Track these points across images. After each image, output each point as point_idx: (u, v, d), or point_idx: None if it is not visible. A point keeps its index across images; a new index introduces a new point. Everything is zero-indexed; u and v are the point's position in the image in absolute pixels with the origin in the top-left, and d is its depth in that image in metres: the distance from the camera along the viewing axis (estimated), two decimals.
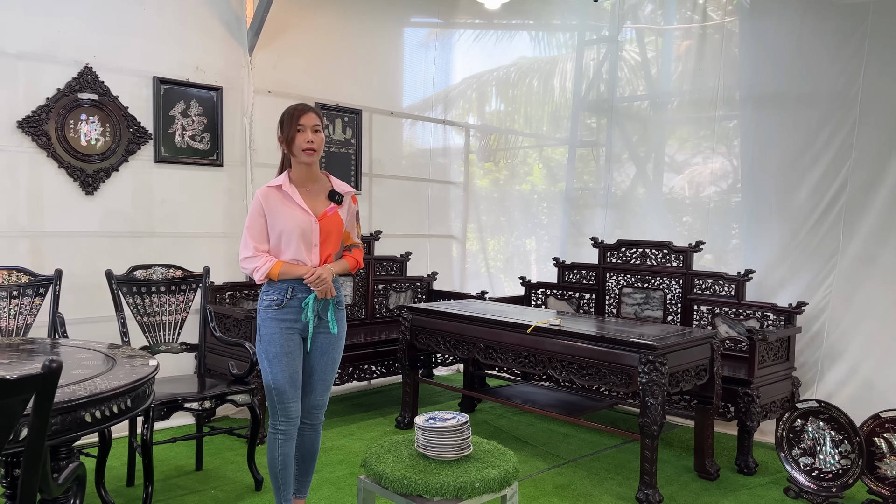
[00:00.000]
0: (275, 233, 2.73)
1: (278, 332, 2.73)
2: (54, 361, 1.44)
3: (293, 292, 2.74)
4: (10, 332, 3.23)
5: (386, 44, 5.61)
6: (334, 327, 2.83)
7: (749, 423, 3.80)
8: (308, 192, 2.79)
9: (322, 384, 2.89)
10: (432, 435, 2.56)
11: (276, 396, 2.75)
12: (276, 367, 2.73)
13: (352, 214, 2.92)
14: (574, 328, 3.68)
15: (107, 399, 2.03)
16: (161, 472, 3.61)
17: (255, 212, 2.75)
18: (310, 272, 2.71)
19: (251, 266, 2.73)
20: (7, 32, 3.72)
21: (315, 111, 2.76)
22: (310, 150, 2.71)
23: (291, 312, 2.75)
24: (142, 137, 4.22)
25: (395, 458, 2.55)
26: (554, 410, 4.10)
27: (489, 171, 6.50)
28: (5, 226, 3.75)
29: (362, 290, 5.32)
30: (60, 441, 1.93)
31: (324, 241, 2.77)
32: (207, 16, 4.49)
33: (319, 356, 2.85)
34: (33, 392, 1.43)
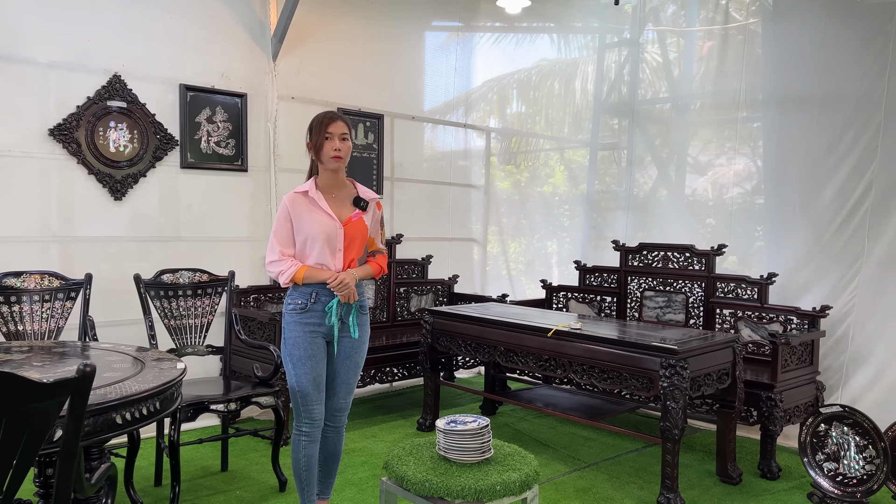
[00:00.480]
0: (300, 237, 2.78)
1: (302, 336, 2.78)
2: (88, 365, 1.49)
3: (317, 296, 2.79)
4: (42, 335, 3.31)
5: (407, 48, 5.66)
6: (356, 332, 2.87)
7: (772, 427, 3.78)
8: (334, 197, 2.85)
9: (345, 388, 2.94)
10: (453, 438, 2.59)
11: (299, 399, 2.80)
12: (300, 370, 2.78)
13: (376, 220, 2.97)
14: (595, 332, 3.69)
15: (137, 401, 2.09)
16: (188, 472, 3.68)
17: (282, 217, 2.80)
18: (333, 277, 2.76)
19: (276, 270, 2.79)
20: (39, 43, 3.82)
21: (343, 119, 2.82)
22: (337, 157, 2.77)
23: (315, 316, 2.80)
24: (168, 144, 4.30)
25: (416, 461, 2.58)
26: (575, 414, 4.11)
27: (510, 173, 6.52)
28: (37, 231, 3.85)
29: (384, 292, 5.37)
30: (92, 442, 1.98)
31: (348, 246, 2.82)
32: (232, 23, 4.57)
33: (342, 360, 2.89)
34: (68, 395, 1.48)
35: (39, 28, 3.82)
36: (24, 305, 3.28)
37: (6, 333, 3.22)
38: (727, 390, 3.66)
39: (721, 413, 3.74)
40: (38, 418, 1.45)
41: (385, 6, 5.41)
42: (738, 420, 3.76)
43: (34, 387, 1.41)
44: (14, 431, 1.42)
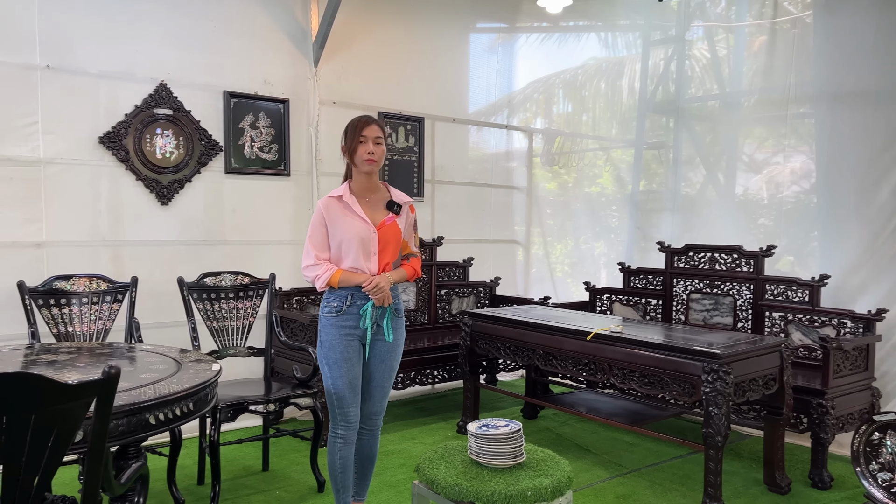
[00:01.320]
0: (335, 241, 2.81)
1: (338, 339, 2.81)
2: (113, 368, 1.53)
3: (352, 299, 2.81)
4: (90, 336, 3.42)
5: (448, 51, 5.66)
6: (390, 335, 2.87)
7: (823, 435, 3.63)
8: (367, 202, 2.87)
9: (380, 391, 2.95)
10: (485, 442, 2.57)
11: (335, 401, 2.83)
12: (336, 372, 2.81)
13: (409, 224, 2.98)
14: (636, 335, 3.61)
15: (170, 402, 2.13)
16: (229, 471, 3.75)
17: (317, 221, 2.84)
18: (368, 280, 2.77)
19: (312, 274, 2.82)
20: (90, 54, 3.95)
21: (378, 123, 2.84)
22: (370, 161, 2.79)
23: (351, 319, 2.82)
24: (213, 149, 4.40)
25: (447, 465, 2.57)
26: (617, 419, 4.03)
27: (554, 174, 6.45)
28: (88, 235, 3.99)
29: (425, 295, 5.38)
30: (127, 441, 2.03)
31: (382, 250, 2.84)
32: (275, 30, 4.65)
33: (377, 363, 2.91)
34: (94, 396, 1.52)
35: (89, 40, 3.95)
36: (73, 308, 3.40)
37: (56, 335, 3.34)
38: (775, 396, 3.54)
39: (768, 420, 3.62)
40: (66, 418, 1.49)
41: (426, 10, 5.43)
42: (786, 427, 3.63)
43: (61, 388, 1.46)
44: (42, 431, 1.46)
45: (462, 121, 5.75)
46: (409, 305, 5.29)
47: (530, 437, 4.43)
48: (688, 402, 3.61)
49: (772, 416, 3.60)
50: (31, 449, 1.46)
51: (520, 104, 6.38)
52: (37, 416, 1.44)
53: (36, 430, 1.45)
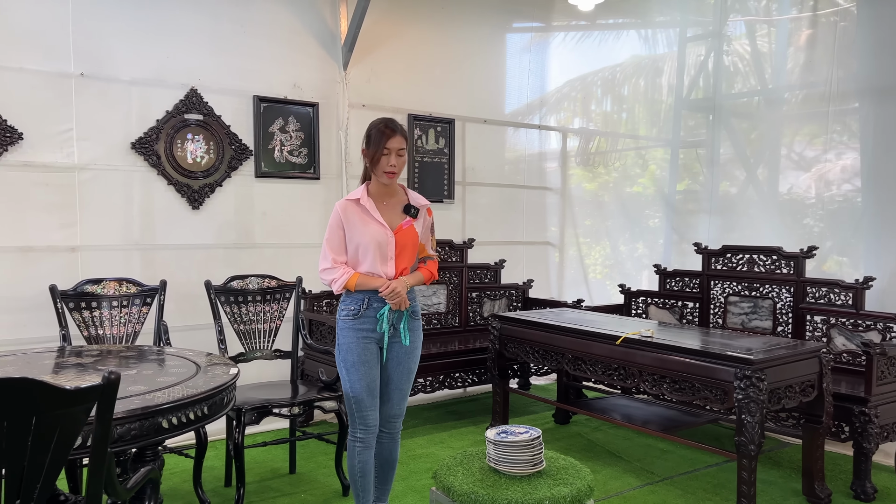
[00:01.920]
0: (352, 245, 2.80)
1: (355, 342, 2.80)
2: (112, 373, 1.53)
3: (369, 303, 2.80)
4: (120, 338, 3.48)
5: (480, 51, 5.60)
6: (406, 339, 2.86)
7: (866, 444, 3.47)
8: (385, 205, 2.86)
9: (398, 393, 2.93)
10: (503, 449, 2.52)
11: (354, 405, 2.81)
12: (354, 375, 2.80)
13: (427, 227, 2.96)
14: (666, 340, 3.51)
15: (184, 406, 2.14)
16: (257, 473, 3.77)
17: (334, 224, 2.83)
18: (384, 285, 2.76)
19: (329, 277, 2.82)
20: (122, 62, 4.03)
21: (402, 133, 2.81)
22: (391, 174, 2.80)
23: (368, 322, 2.81)
24: (243, 154, 4.44)
25: (465, 472, 2.53)
26: (651, 426, 3.93)
27: (588, 175, 6.34)
28: (121, 239, 4.06)
29: (455, 297, 5.34)
30: (141, 444, 2.04)
31: (399, 254, 2.82)
32: (304, 34, 4.67)
33: (395, 366, 2.89)
34: (94, 402, 1.53)
35: (122, 47, 4.03)
36: (103, 311, 3.46)
37: (87, 337, 3.40)
38: (814, 403, 3.40)
39: (807, 428, 3.48)
40: (67, 423, 1.50)
41: (457, 11, 5.40)
42: (826, 436, 3.49)
43: (60, 393, 1.46)
44: (43, 435, 1.47)
45: (494, 122, 5.70)
46: (439, 308, 5.26)
47: (561, 442, 4.35)
48: (720, 409, 3.49)
49: (811, 423, 3.45)
50: (32, 453, 1.46)
51: (555, 104, 6.29)
52: (37, 421, 1.45)
53: (37, 434, 1.45)
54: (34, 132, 3.77)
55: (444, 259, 5.29)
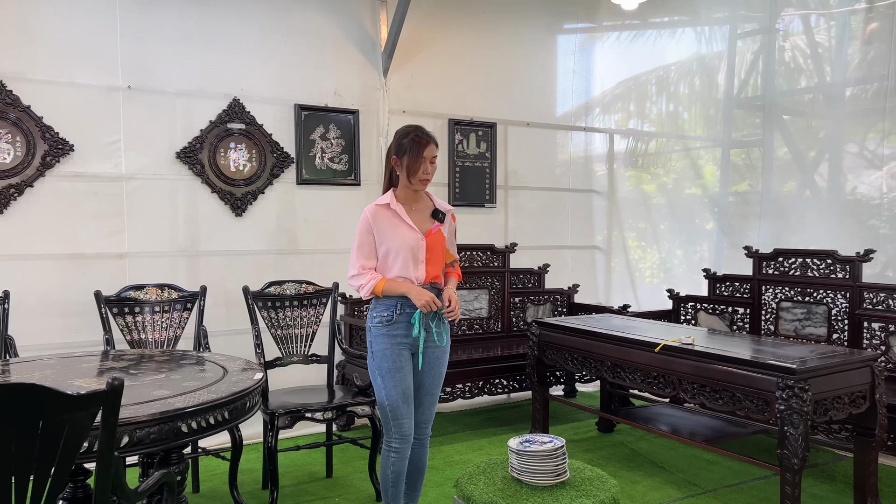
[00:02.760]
0: (382, 250, 2.81)
1: (389, 348, 2.78)
2: (116, 379, 1.57)
3: (402, 308, 2.79)
4: (162, 343, 3.59)
5: (522, 54, 5.55)
6: (442, 339, 2.86)
7: None
8: (413, 210, 2.87)
9: (429, 398, 2.92)
10: (526, 459, 2.48)
11: (389, 413, 2.78)
12: (389, 382, 2.77)
13: (451, 232, 2.99)
14: (707, 347, 3.39)
15: (203, 411, 2.18)
16: (294, 476, 3.82)
17: (363, 230, 2.83)
18: (417, 298, 2.72)
19: (357, 283, 2.83)
20: (168, 74, 4.16)
21: (435, 142, 2.85)
22: (426, 181, 2.84)
23: (401, 328, 2.80)
24: (285, 161, 4.52)
25: (487, 481, 2.50)
26: (695, 436, 3.80)
27: (634, 178, 6.20)
28: (167, 246, 4.19)
29: (498, 302, 5.30)
30: (159, 449, 2.09)
31: (429, 258, 2.83)
32: (344, 42, 4.73)
33: (428, 370, 2.88)
34: (99, 407, 1.57)
35: (167, 60, 4.16)
36: (145, 316, 3.57)
37: (130, 342, 3.52)
38: (866, 415, 3.22)
39: (858, 441, 3.30)
40: (72, 428, 1.54)
41: (498, 15, 5.37)
42: (880, 449, 3.30)
43: (64, 398, 1.51)
44: (50, 439, 1.52)
45: (537, 125, 5.63)
46: (481, 313, 5.23)
47: (603, 451, 4.26)
48: (762, 419, 3.35)
49: (863, 436, 3.28)
50: (40, 457, 1.51)
51: (604, 105, 6.18)
52: (43, 426, 1.49)
53: (44, 439, 1.50)
54: (84, 144, 3.93)
55: (486, 264, 5.26)
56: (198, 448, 3.59)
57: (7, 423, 1.45)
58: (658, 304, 5.76)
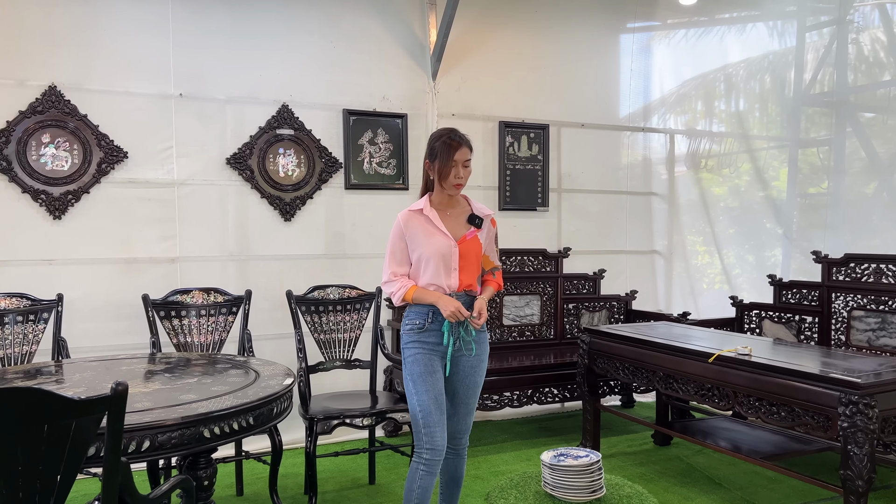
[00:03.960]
0: (415, 256, 2.74)
1: (422, 353, 2.71)
2: (120, 385, 1.56)
3: (434, 316, 2.71)
4: (207, 346, 3.63)
5: (577, 54, 5.40)
6: (473, 350, 2.76)
7: None
8: (448, 215, 2.78)
9: (465, 408, 2.82)
10: (559, 474, 2.37)
11: (421, 420, 2.67)
12: (421, 386, 2.68)
13: (491, 238, 2.88)
14: (765, 358, 3.19)
15: (225, 416, 2.17)
16: (337, 482, 3.80)
17: (396, 236, 2.77)
18: (443, 305, 2.64)
19: (388, 291, 2.77)
20: (218, 81, 4.23)
21: (469, 145, 2.75)
22: (459, 185, 2.74)
23: (433, 335, 2.72)
24: (333, 166, 4.53)
25: (518, 495, 2.40)
26: (754, 453, 3.58)
27: (699, 180, 5.94)
28: (217, 251, 4.25)
29: (550, 308, 5.16)
30: (181, 453, 2.09)
31: (463, 266, 2.74)
32: (393, 46, 4.71)
33: (461, 380, 2.79)
34: (104, 412, 1.56)
35: (217, 68, 4.23)
36: (191, 319, 3.62)
37: (176, 344, 3.57)
38: None
39: None
40: (77, 433, 1.54)
41: (552, 14, 5.25)
42: None
43: (67, 403, 1.50)
44: (55, 444, 1.52)
45: (592, 126, 5.47)
46: (532, 319, 5.11)
47: (656, 465, 4.08)
48: (824, 437, 3.12)
49: None
50: (46, 462, 1.51)
51: (665, 106, 5.96)
52: (48, 430, 1.49)
53: (49, 443, 1.50)
54: (138, 151, 4.03)
55: (538, 269, 5.14)
56: (241, 451, 3.61)
57: (11, 427, 1.46)
58: (721, 311, 5.50)
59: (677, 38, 5.94)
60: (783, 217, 5.47)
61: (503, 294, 5.02)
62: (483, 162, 5.04)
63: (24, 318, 3.36)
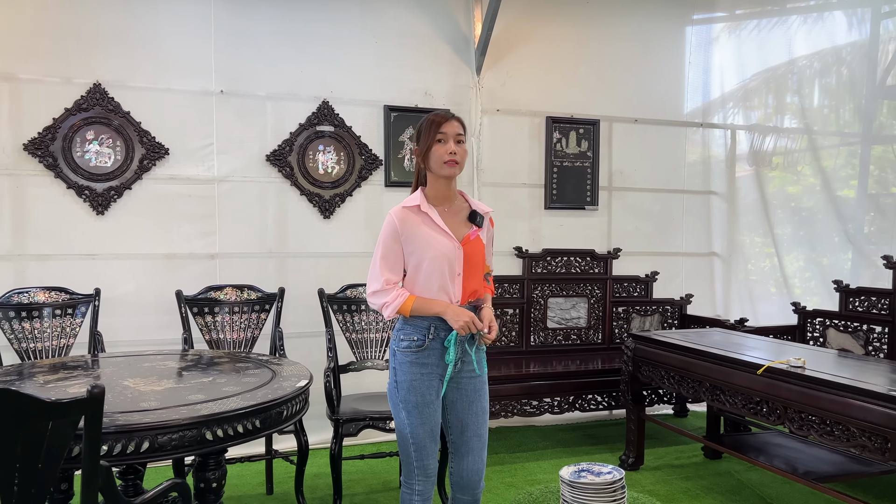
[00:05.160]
0: (412, 260, 2.36)
1: (419, 379, 2.35)
2: (96, 387, 1.51)
3: (436, 331, 2.35)
4: (239, 343, 3.62)
5: (630, 47, 5.16)
6: (480, 367, 2.44)
7: None
8: (447, 212, 2.41)
9: (478, 441, 2.43)
10: (579, 492, 2.22)
11: (413, 452, 2.37)
12: (416, 419, 2.35)
13: (489, 238, 2.55)
14: (820, 371, 2.95)
15: (228, 419, 2.11)
16: (367, 484, 3.74)
17: (389, 236, 2.37)
18: (452, 315, 2.30)
19: (380, 301, 2.36)
20: (258, 78, 4.23)
21: (459, 120, 2.43)
22: (452, 163, 2.33)
23: (433, 356, 2.35)
24: (373, 164, 4.47)
25: None
26: (809, 474, 3.32)
27: (763, 179, 5.59)
28: (256, 247, 4.25)
29: (598, 312, 4.97)
30: (180, 455, 2.05)
31: (467, 270, 2.39)
32: (436, 40, 4.61)
33: (468, 405, 2.42)
34: (80, 415, 1.52)
35: (258, 64, 4.22)
36: (224, 316, 3.62)
37: (208, 341, 3.58)
38: None
39: None
40: (54, 435, 1.50)
41: (603, 4, 5.04)
42: None
43: (40, 405, 1.47)
44: (31, 446, 1.48)
45: (647, 121, 5.23)
46: (579, 322, 4.93)
47: (704, 480, 3.85)
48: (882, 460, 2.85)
49: None
50: (22, 463, 1.48)
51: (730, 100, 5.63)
52: (23, 433, 1.46)
53: (24, 445, 1.47)
54: (179, 147, 4.07)
55: (585, 270, 4.95)
56: (272, 450, 3.59)
57: None
58: (783, 319, 5.18)
59: (747, 29, 5.62)
60: (853, 219, 5.10)
61: (548, 295, 4.86)
62: (529, 159, 4.88)
63: (63, 312, 3.42)
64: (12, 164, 3.78)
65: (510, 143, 4.83)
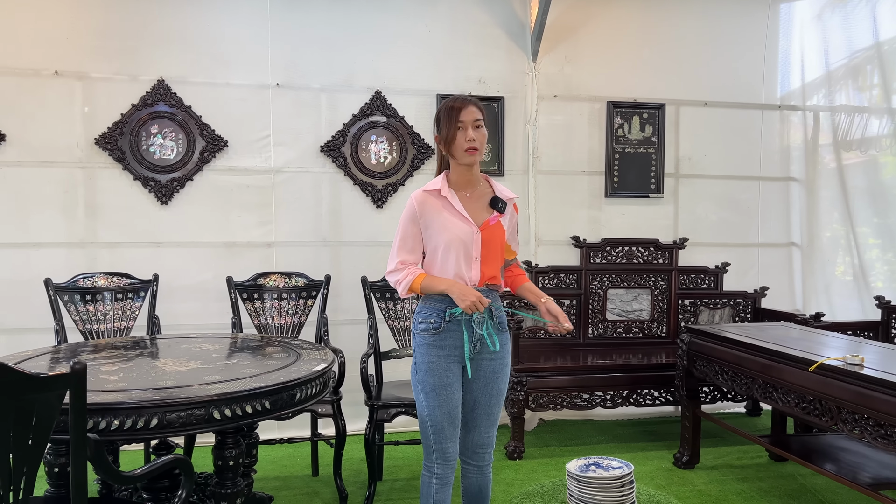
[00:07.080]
0: (431, 244, 2.41)
1: (436, 361, 2.38)
2: (78, 363, 1.60)
3: (452, 313, 2.38)
4: (285, 329, 3.73)
5: (701, 25, 4.89)
6: (496, 344, 2.43)
7: None
8: (468, 197, 2.44)
9: (486, 419, 2.47)
10: (585, 487, 2.15)
11: (432, 435, 2.41)
12: (434, 401, 2.39)
13: (513, 224, 2.56)
14: (880, 370, 2.72)
15: (236, 399, 2.18)
16: (410, 470, 3.77)
17: (408, 220, 2.42)
18: (458, 293, 2.29)
19: (393, 280, 2.44)
20: (312, 70, 4.33)
21: (476, 104, 2.42)
22: (472, 150, 2.36)
23: (451, 337, 2.39)
24: (425, 153, 4.48)
25: None
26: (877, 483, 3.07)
27: (845, 163, 5.18)
28: (311, 236, 4.36)
29: (662, 303, 4.78)
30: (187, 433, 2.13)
31: (484, 256, 2.41)
32: (490, 26, 4.56)
33: (482, 386, 2.45)
34: (65, 389, 1.61)
35: (313, 56, 4.32)
36: (271, 302, 3.74)
37: (256, 326, 3.71)
38: None
39: None
40: (41, 408, 1.60)
41: None
42: None
43: (27, 379, 1.57)
44: (21, 418, 1.59)
45: (718, 104, 4.96)
46: (641, 315, 4.76)
47: (764, 482, 3.65)
48: None
49: None
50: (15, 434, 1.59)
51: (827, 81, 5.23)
52: (15, 405, 1.56)
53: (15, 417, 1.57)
54: (237, 140, 4.23)
55: (649, 260, 4.78)
56: (316, 433, 3.68)
57: None
58: (865, 314, 4.81)
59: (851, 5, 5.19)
60: None
61: (607, 286, 4.72)
62: (588, 145, 4.75)
63: (124, 296, 3.64)
64: (85, 157, 4.05)
65: (568, 129, 4.71)
